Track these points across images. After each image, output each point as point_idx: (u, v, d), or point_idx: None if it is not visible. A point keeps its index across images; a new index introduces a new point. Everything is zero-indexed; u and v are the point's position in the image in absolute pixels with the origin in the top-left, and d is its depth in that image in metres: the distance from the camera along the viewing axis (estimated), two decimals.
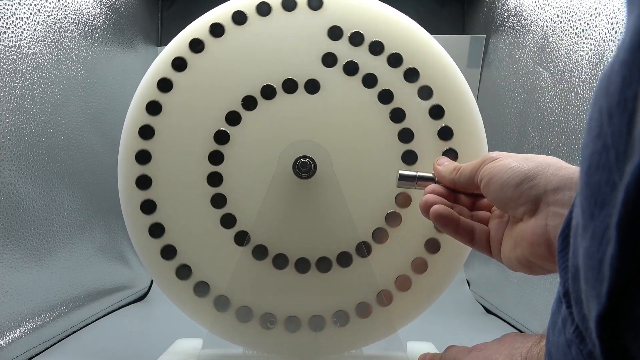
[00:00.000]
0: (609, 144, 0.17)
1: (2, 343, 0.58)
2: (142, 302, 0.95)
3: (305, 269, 0.54)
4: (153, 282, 0.96)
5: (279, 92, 0.54)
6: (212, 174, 0.54)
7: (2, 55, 0.59)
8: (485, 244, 0.43)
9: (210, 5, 0.55)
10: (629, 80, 0.17)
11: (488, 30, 0.98)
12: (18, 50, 0.62)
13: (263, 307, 0.54)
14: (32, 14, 0.64)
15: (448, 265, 0.55)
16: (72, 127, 0.73)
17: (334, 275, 0.54)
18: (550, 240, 0.36)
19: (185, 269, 0.54)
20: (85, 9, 0.78)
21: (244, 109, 0.54)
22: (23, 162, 0.62)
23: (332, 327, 0.54)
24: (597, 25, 0.63)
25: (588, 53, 0.64)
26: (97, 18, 0.82)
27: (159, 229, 0.54)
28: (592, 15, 0.64)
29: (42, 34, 0.67)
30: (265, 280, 0.54)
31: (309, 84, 0.54)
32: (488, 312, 0.92)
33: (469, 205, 0.46)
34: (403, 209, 0.54)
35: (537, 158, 0.39)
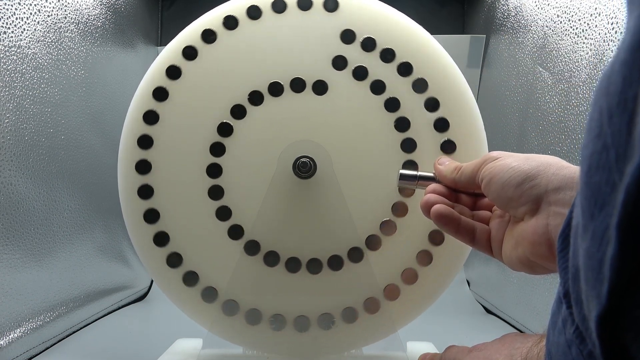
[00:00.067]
0: (609, 144, 0.17)
1: (2, 343, 0.58)
2: (142, 302, 0.95)
3: (302, 269, 0.54)
4: (153, 282, 0.97)
5: (287, 89, 0.54)
6: (210, 170, 0.54)
7: (2, 55, 0.59)
8: (486, 244, 0.43)
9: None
10: (629, 81, 0.17)
11: (488, 30, 0.98)
12: (18, 50, 0.62)
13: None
14: (32, 14, 0.64)
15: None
16: (72, 127, 0.73)
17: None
18: (551, 240, 0.36)
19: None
20: (85, 9, 0.78)
21: (250, 104, 0.54)
22: (23, 162, 0.62)
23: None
24: (597, 25, 0.63)
25: (588, 53, 0.64)
26: (97, 18, 0.82)
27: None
28: (592, 15, 0.64)
29: (42, 34, 0.67)
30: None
31: (317, 85, 0.54)
32: (488, 312, 0.92)
33: (470, 205, 0.46)
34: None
35: (538, 158, 0.39)
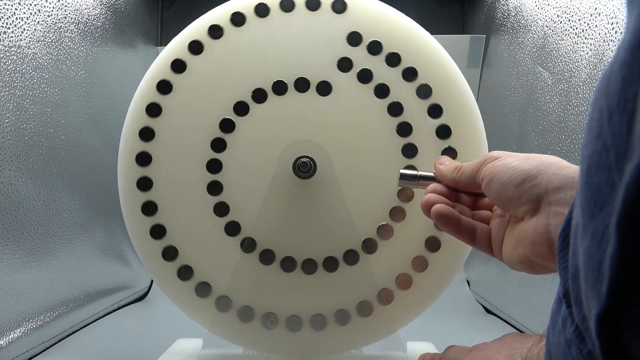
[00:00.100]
0: (609, 144, 0.17)
1: (2, 343, 0.58)
2: (142, 302, 0.95)
3: (297, 268, 0.54)
4: (153, 282, 0.97)
5: (290, 89, 0.54)
6: (210, 172, 0.54)
7: (2, 55, 0.59)
8: (487, 244, 0.43)
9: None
10: (629, 81, 0.17)
11: (488, 30, 0.98)
12: (18, 50, 0.62)
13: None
14: (32, 14, 0.64)
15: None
16: (72, 127, 0.73)
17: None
18: (552, 240, 0.36)
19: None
20: (85, 9, 0.78)
21: (254, 102, 0.54)
22: (23, 162, 0.62)
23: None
24: (597, 25, 0.63)
25: (588, 53, 0.64)
26: (97, 18, 0.82)
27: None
28: (592, 15, 0.64)
29: (42, 34, 0.67)
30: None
31: (322, 86, 0.54)
32: (488, 312, 0.92)
33: (470, 205, 0.46)
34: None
35: (538, 157, 0.39)
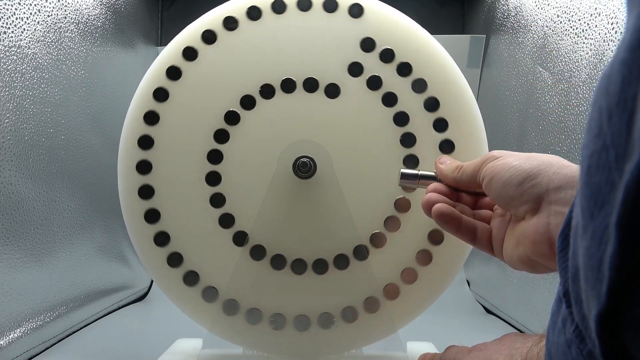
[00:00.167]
0: (609, 144, 0.17)
1: (2, 343, 0.58)
2: (142, 302, 0.95)
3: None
4: (153, 282, 0.97)
5: (299, 88, 0.54)
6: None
7: (2, 55, 0.59)
8: (487, 243, 0.43)
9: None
10: (629, 80, 0.17)
11: (488, 30, 0.98)
12: (18, 50, 0.62)
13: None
14: (32, 14, 0.64)
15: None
16: (72, 127, 0.73)
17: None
18: (553, 239, 0.36)
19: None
20: (85, 9, 0.78)
21: (262, 97, 0.54)
22: (23, 162, 0.62)
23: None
24: (597, 25, 0.63)
25: (588, 53, 0.64)
26: (97, 18, 0.82)
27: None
28: (592, 15, 0.64)
29: (42, 34, 0.67)
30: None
31: (330, 88, 0.54)
32: (488, 312, 0.92)
33: (471, 204, 0.46)
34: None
35: (539, 157, 0.39)
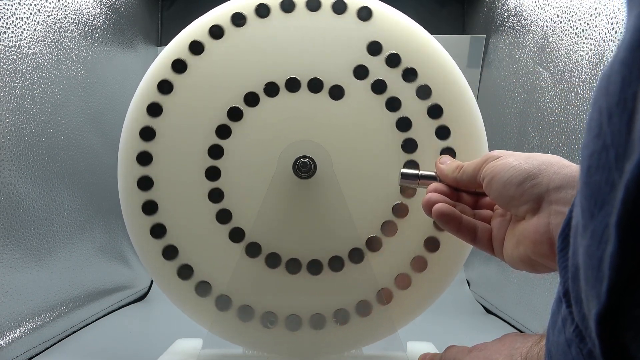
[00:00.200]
0: (609, 144, 0.17)
1: (2, 343, 0.58)
2: (142, 302, 0.95)
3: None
4: (153, 282, 0.97)
5: (303, 87, 0.54)
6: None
7: (2, 55, 0.59)
8: (488, 243, 0.43)
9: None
10: (629, 80, 0.17)
11: (488, 30, 0.98)
12: (18, 50, 0.62)
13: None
14: (32, 14, 0.64)
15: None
16: (72, 127, 0.73)
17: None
18: (553, 239, 0.36)
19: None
20: (85, 9, 0.78)
21: (265, 95, 0.54)
22: (23, 162, 0.62)
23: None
24: (597, 25, 0.63)
25: (588, 53, 0.64)
26: (97, 18, 0.82)
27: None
28: (592, 15, 0.64)
29: (42, 34, 0.67)
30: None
31: (334, 89, 0.54)
32: (488, 312, 0.92)
33: (471, 204, 0.46)
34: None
35: (539, 157, 0.39)
